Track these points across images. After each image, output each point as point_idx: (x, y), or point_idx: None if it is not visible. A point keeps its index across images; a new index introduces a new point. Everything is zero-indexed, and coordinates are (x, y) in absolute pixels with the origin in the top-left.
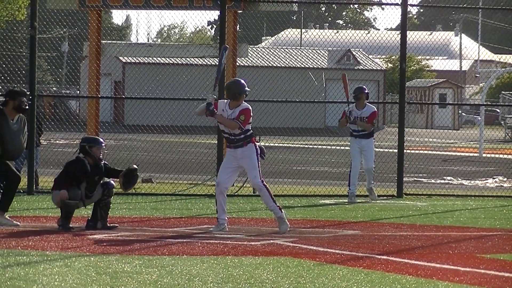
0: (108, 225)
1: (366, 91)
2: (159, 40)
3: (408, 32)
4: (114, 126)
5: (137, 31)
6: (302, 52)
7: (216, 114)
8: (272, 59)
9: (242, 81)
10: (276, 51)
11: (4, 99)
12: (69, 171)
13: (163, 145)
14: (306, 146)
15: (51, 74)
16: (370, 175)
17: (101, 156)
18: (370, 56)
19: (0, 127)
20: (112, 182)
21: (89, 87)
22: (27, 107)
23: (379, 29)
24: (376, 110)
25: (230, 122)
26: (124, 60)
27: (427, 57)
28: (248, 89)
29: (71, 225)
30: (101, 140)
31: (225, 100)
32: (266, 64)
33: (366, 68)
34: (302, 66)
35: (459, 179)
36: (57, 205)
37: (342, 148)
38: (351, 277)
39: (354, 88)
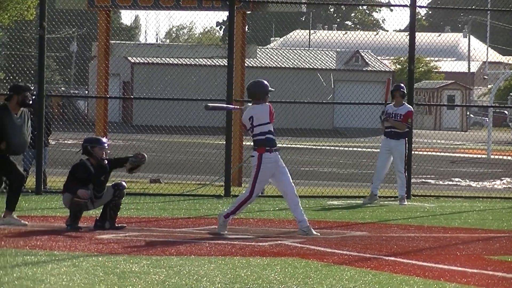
0: (116, 225)
1: (402, 90)
2: (167, 41)
3: (416, 33)
4: (123, 126)
5: (145, 32)
6: (310, 53)
7: None
8: (281, 60)
9: (265, 82)
10: (284, 52)
11: (8, 93)
12: (73, 174)
13: (172, 146)
14: (314, 147)
15: (59, 74)
16: (399, 180)
17: (104, 157)
18: (379, 58)
19: (4, 121)
20: (123, 183)
21: (97, 87)
22: (31, 102)
23: (387, 31)
24: (412, 110)
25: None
26: (132, 61)
27: (436, 59)
28: (272, 89)
29: (79, 225)
30: (104, 140)
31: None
32: (274, 65)
33: (375, 69)
34: (311, 67)
35: (467, 180)
36: (66, 205)
37: (350, 149)
38: (359, 278)
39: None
